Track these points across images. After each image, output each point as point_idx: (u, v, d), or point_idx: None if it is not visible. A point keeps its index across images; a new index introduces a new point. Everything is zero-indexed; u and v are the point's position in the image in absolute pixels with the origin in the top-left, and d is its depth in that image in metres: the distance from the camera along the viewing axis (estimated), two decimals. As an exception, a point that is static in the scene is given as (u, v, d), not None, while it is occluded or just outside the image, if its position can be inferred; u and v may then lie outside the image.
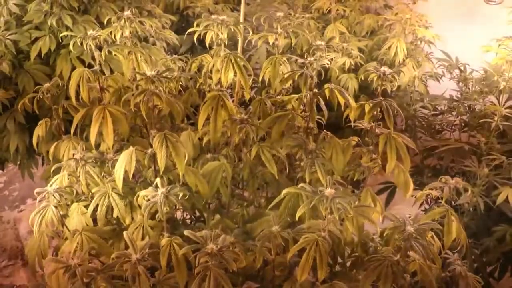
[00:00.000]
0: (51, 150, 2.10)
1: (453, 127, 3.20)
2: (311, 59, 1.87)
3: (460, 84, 3.27)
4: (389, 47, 3.33)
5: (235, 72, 1.75)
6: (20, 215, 3.85)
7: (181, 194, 1.57)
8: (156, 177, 1.68)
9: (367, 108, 1.85)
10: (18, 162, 3.05)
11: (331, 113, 2.05)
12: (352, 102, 1.87)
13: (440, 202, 2.20)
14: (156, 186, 1.58)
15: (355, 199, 1.63)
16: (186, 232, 1.47)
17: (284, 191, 1.61)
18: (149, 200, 1.54)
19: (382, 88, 2.09)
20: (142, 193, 1.59)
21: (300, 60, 1.87)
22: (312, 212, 1.57)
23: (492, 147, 2.82)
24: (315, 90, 1.87)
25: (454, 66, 3.34)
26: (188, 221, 1.99)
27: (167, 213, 1.56)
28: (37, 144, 2.24)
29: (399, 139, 1.83)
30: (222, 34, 1.85)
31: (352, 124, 1.94)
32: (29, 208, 3.90)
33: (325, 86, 1.88)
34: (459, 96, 3.23)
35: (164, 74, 1.66)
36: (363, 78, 2.93)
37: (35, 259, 1.91)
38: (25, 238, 3.59)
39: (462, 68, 3.31)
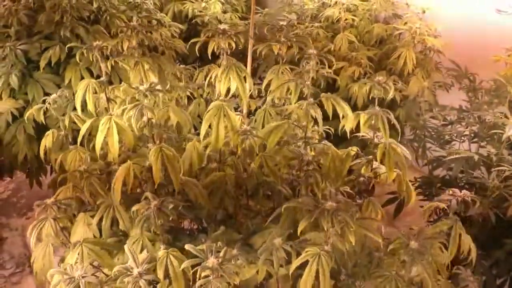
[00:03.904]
0: (58, 160, 2.11)
1: (463, 138, 3.16)
2: (307, 67, 1.85)
3: (470, 94, 3.24)
4: (398, 57, 3.31)
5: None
6: (27, 222, 3.86)
7: (171, 206, 1.55)
8: (155, 189, 1.68)
9: (362, 118, 1.83)
10: (27, 171, 3.07)
11: (338, 122, 2.03)
12: (349, 112, 1.85)
13: (449, 212, 2.18)
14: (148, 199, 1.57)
15: (356, 209, 1.61)
16: (186, 246, 1.46)
17: (284, 206, 1.59)
18: (142, 213, 1.54)
19: (391, 98, 2.08)
20: (134, 207, 1.59)
21: (297, 70, 1.86)
22: (314, 224, 1.55)
23: (502, 158, 2.79)
24: (311, 99, 1.85)
25: (463, 76, 3.31)
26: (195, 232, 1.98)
27: (162, 225, 1.56)
28: (45, 153, 2.25)
29: (398, 149, 1.81)
30: (224, 44, 1.83)
31: (348, 134, 1.92)
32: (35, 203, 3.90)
33: (322, 95, 1.86)
34: (469, 106, 3.20)
35: (157, 87, 1.65)
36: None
37: (41, 270, 1.91)
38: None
39: (471, 78, 3.28)
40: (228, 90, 1.75)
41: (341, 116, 1.84)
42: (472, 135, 3.09)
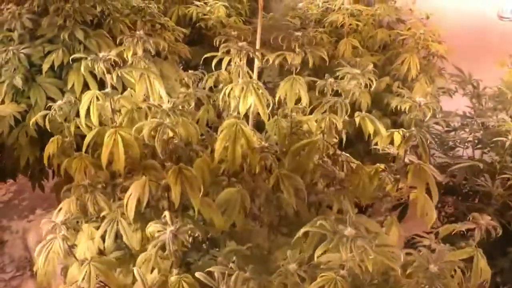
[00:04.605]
0: (62, 166, 2.09)
1: (466, 144, 3.16)
2: (331, 80, 1.85)
3: (473, 100, 3.23)
4: (402, 62, 3.30)
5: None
6: (29, 225, 3.85)
7: (189, 232, 1.52)
8: (169, 207, 1.65)
9: (396, 137, 1.83)
10: (29, 174, 3.05)
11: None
12: (382, 130, 1.86)
13: (453, 219, 2.14)
14: (165, 222, 1.54)
15: (377, 227, 1.59)
16: (197, 274, 1.43)
17: (303, 229, 1.54)
18: (158, 237, 1.51)
19: (395, 106, 2.08)
20: (150, 228, 1.56)
21: (322, 82, 1.85)
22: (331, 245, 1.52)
23: (505, 166, 2.78)
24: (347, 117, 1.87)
25: (467, 82, 3.30)
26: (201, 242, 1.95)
27: (176, 250, 1.53)
28: (48, 159, 2.23)
29: (429, 171, 1.81)
30: (240, 60, 1.83)
31: (380, 149, 1.92)
32: (38, 218, 3.89)
33: (356, 114, 1.87)
34: (472, 112, 3.19)
35: (180, 106, 1.64)
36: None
37: (44, 279, 1.89)
38: (34, 248, 3.58)
39: (475, 84, 3.27)
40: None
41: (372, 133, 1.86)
42: (476, 141, 3.09)
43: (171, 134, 1.62)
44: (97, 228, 1.82)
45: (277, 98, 1.92)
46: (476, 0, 4.67)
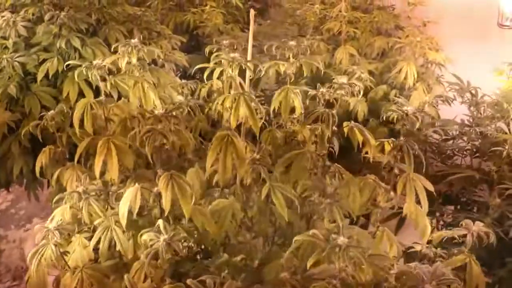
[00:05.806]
0: (55, 176, 2.08)
1: (464, 153, 3.13)
2: (323, 90, 1.83)
3: (472, 108, 3.20)
4: (399, 70, 3.29)
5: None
6: (26, 235, 3.83)
7: (183, 240, 1.52)
8: (161, 215, 1.64)
9: (386, 146, 1.82)
10: (24, 184, 3.04)
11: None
12: (372, 140, 1.85)
13: (451, 229, 2.12)
14: (159, 230, 1.53)
15: (369, 238, 1.57)
16: (188, 282, 1.42)
17: (296, 238, 1.53)
18: (151, 245, 1.50)
19: (392, 115, 2.06)
20: (144, 236, 1.54)
21: (312, 92, 1.84)
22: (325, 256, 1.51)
23: (503, 175, 2.75)
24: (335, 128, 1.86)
25: (465, 90, 3.27)
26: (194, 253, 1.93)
27: (169, 259, 1.52)
28: (41, 169, 2.22)
29: (418, 181, 1.80)
30: (232, 71, 1.82)
31: (371, 159, 1.90)
32: (35, 227, 3.86)
33: (345, 124, 1.86)
34: (471, 120, 3.17)
35: (174, 112, 1.63)
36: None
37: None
38: (30, 258, 3.56)
39: (473, 92, 3.25)
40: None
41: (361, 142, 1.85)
42: (474, 150, 3.06)
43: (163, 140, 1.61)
44: (89, 238, 1.80)
45: (271, 109, 1.90)
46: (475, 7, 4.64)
